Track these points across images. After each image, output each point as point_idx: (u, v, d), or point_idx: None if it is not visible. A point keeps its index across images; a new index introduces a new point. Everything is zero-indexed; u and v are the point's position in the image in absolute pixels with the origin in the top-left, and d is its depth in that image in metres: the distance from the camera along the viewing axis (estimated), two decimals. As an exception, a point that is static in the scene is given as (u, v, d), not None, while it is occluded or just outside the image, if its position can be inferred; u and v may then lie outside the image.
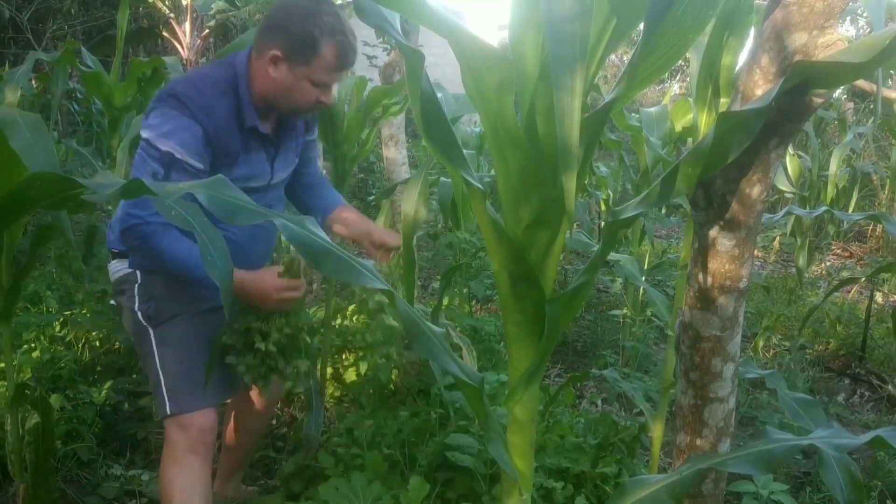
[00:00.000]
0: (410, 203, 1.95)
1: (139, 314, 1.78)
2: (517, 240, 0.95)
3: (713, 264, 1.02)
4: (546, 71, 0.88)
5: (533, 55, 0.91)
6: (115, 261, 1.86)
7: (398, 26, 0.96)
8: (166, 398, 1.76)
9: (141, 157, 1.67)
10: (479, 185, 0.91)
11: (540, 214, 0.93)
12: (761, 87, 0.94)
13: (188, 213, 0.98)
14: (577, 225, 4.64)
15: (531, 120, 0.93)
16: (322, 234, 1.04)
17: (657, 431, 2.04)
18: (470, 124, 8.11)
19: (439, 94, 2.50)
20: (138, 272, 1.80)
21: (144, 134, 1.68)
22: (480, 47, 0.83)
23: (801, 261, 4.78)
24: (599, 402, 3.20)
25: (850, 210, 5.52)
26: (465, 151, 1.06)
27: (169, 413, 1.75)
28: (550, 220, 0.93)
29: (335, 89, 1.86)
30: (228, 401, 2.11)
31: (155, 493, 2.20)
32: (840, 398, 3.47)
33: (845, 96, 7.90)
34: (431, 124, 0.89)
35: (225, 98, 1.73)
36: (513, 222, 0.97)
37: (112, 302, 1.97)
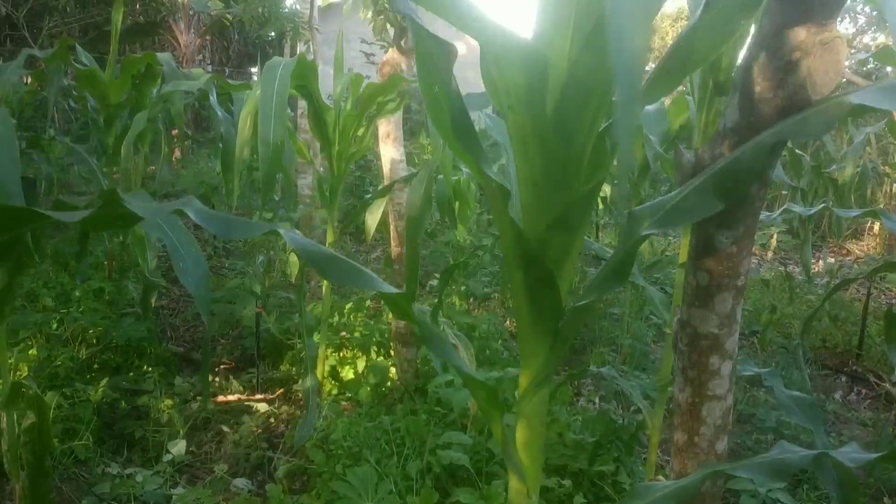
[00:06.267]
0: (415, 203, 1.93)
1: None
2: (536, 241, 0.93)
3: (711, 262, 1.02)
4: (577, 67, 0.85)
5: (561, 49, 0.88)
6: None
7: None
8: None
9: None
10: (503, 184, 0.89)
11: (561, 215, 0.90)
12: (760, 84, 0.93)
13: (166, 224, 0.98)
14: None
15: (560, 115, 0.88)
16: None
17: (655, 429, 2.03)
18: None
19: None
20: None
21: None
22: (509, 39, 0.80)
23: (805, 255, 4.77)
24: (597, 400, 3.20)
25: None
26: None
27: None
28: (572, 222, 0.91)
29: None
30: None
31: (151, 494, 2.20)
32: (837, 396, 3.47)
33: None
34: (458, 123, 0.84)
35: None
36: (532, 223, 0.94)
37: None
